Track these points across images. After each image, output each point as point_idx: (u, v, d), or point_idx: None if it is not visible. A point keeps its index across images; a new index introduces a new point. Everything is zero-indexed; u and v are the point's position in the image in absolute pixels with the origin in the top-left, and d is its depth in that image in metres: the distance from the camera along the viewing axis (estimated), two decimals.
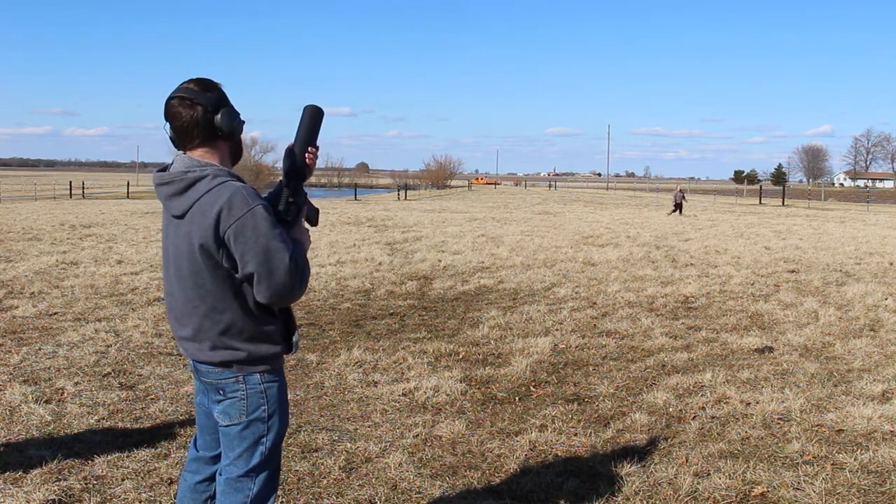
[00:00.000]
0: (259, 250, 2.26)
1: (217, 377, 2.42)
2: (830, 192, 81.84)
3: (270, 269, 2.26)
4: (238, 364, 2.39)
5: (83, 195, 45.59)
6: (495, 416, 4.82)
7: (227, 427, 2.45)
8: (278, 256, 2.27)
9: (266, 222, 2.28)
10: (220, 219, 2.26)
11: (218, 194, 2.28)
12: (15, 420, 4.52)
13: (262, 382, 2.43)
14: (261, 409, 2.43)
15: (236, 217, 2.26)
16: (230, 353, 2.38)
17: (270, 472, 2.52)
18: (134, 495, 3.54)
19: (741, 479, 3.81)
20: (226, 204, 2.26)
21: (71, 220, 21.33)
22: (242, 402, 2.41)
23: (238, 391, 2.41)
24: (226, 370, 2.40)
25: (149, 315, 7.57)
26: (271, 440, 2.48)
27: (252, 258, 2.26)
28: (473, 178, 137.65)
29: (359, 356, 6.10)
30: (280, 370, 2.50)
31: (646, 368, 5.98)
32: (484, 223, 22.76)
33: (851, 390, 5.38)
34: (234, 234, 2.26)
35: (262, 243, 2.26)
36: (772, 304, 8.88)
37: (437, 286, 9.88)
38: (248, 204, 2.27)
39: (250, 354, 2.39)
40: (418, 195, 63.71)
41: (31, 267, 10.85)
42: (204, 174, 2.32)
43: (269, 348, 2.41)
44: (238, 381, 2.40)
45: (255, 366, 2.41)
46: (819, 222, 26.88)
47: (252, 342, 2.38)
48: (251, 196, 2.30)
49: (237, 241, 2.26)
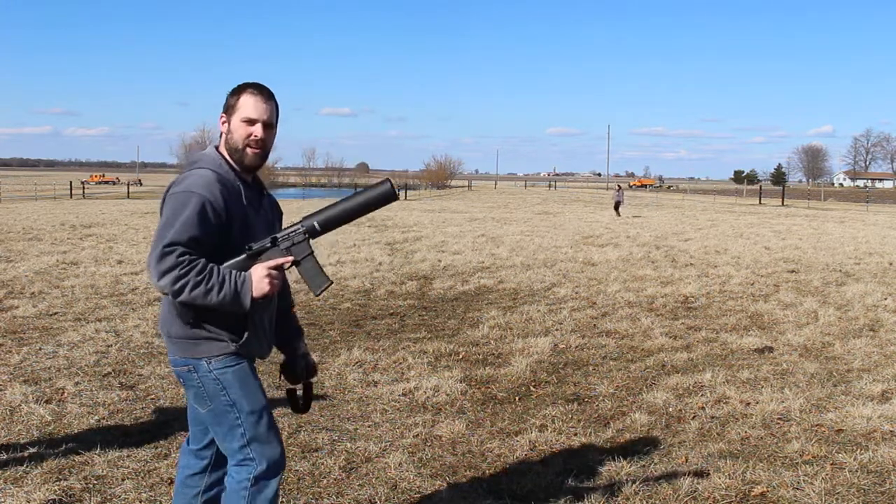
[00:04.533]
0: (159, 225, 2.34)
1: (174, 366, 2.48)
2: (830, 192, 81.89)
3: (154, 245, 2.31)
4: (178, 341, 2.42)
5: (83, 195, 45.57)
6: (495, 416, 4.82)
7: (204, 413, 2.50)
8: (160, 239, 2.28)
9: (183, 205, 2.30)
10: (167, 188, 2.43)
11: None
12: (15, 420, 4.52)
13: (213, 370, 2.42)
14: (221, 395, 2.44)
15: (171, 191, 2.37)
16: (172, 328, 2.43)
17: (262, 449, 2.49)
18: (134, 495, 3.54)
19: (741, 479, 3.82)
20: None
21: (71, 220, 21.34)
22: (201, 390, 2.45)
23: (193, 380, 2.45)
24: (177, 357, 2.44)
25: (149, 315, 7.56)
26: (246, 422, 2.46)
27: (157, 229, 2.37)
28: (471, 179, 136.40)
29: (359, 356, 6.10)
30: (234, 357, 2.44)
31: (646, 368, 5.98)
32: (484, 223, 22.76)
33: (851, 390, 5.38)
34: (165, 202, 2.38)
35: (163, 219, 2.33)
36: (771, 304, 8.88)
37: (437, 286, 9.88)
38: (185, 188, 2.34)
39: (187, 335, 2.41)
40: (418, 195, 63.68)
41: (32, 267, 10.86)
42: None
43: (207, 333, 2.40)
44: (190, 370, 2.44)
45: (196, 348, 2.41)
46: (819, 222, 26.89)
47: (184, 326, 2.39)
48: (195, 184, 2.34)
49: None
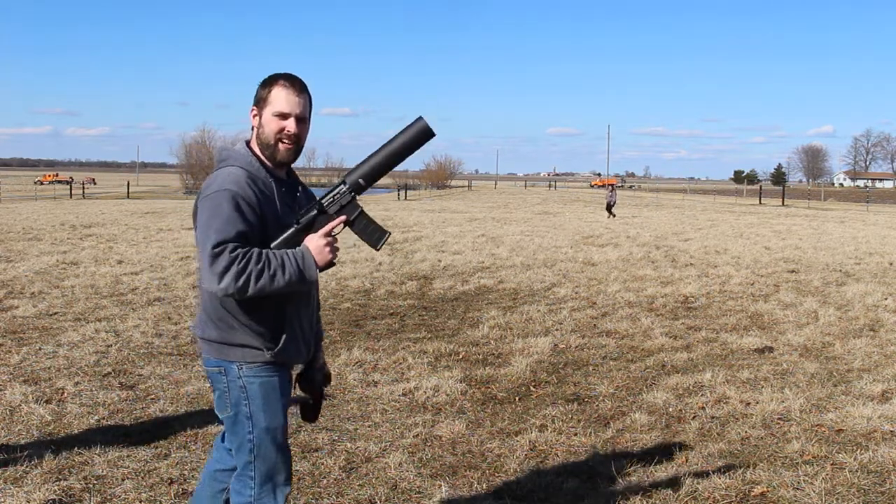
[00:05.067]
0: (199, 230, 2.29)
1: (207, 366, 2.46)
2: (830, 192, 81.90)
3: (201, 252, 2.27)
4: (212, 344, 2.40)
5: (83, 195, 45.57)
6: (495, 416, 4.82)
7: (223, 417, 2.47)
8: (205, 242, 2.23)
9: (219, 205, 2.26)
10: (199, 193, 2.39)
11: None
12: (15, 420, 4.52)
13: (242, 377, 2.39)
14: (243, 405, 2.40)
15: (203, 195, 2.33)
16: (207, 330, 2.41)
17: (266, 472, 2.45)
18: (134, 495, 3.54)
19: (741, 479, 3.82)
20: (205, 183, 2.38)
21: (71, 220, 21.33)
22: (226, 395, 2.42)
23: (221, 383, 2.42)
24: (210, 358, 2.42)
25: (149, 315, 7.57)
26: (258, 439, 2.42)
27: (197, 236, 2.31)
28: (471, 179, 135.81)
29: (359, 356, 6.10)
30: (267, 368, 2.41)
31: (646, 368, 5.98)
32: (484, 223, 22.76)
33: (851, 390, 5.38)
34: (199, 207, 2.34)
35: (202, 223, 2.27)
36: (772, 304, 8.88)
37: (437, 286, 9.88)
38: (217, 187, 2.30)
39: (221, 336, 2.37)
40: (418, 195, 63.70)
41: (32, 267, 10.85)
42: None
43: (243, 338, 2.36)
44: (220, 372, 2.41)
45: (229, 352, 2.37)
46: (819, 222, 26.89)
47: (224, 325, 2.36)
48: (225, 182, 2.31)
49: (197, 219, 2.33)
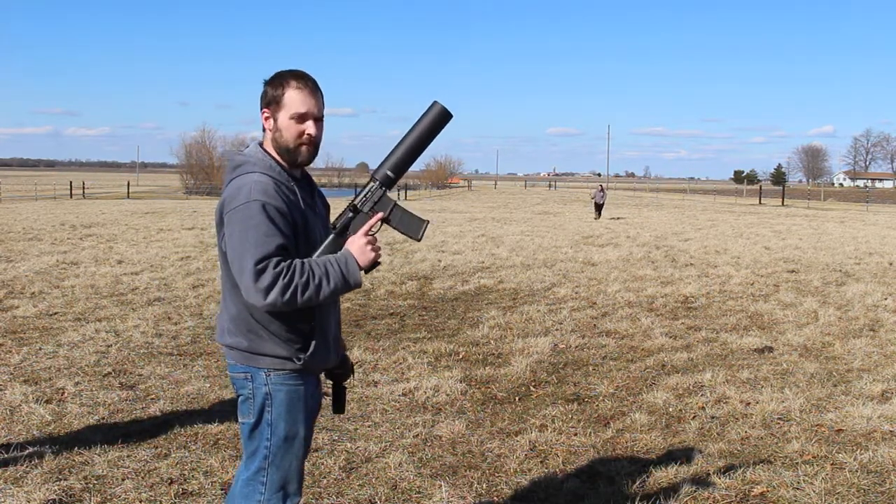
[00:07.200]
0: (234, 244, 2.21)
1: (232, 371, 2.42)
2: (830, 192, 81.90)
3: (240, 268, 2.20)
4: (239, 352, 2.35)
5: (83, 195, 45.58)
6: (495, 416, 4.82)
7: (242, 423, 2.44)
8: (244, 258, 2.18)
9: (251, 217, 2.20)
10: (223, 202, 2.29)
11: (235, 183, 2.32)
12: (15, 420, 4.52)
13: (269, 384, 2.35)
14: (266, 412, 2.36)
15: (230, 206, 2.24)
16: (234, 339, 2.36)
17: (279, 480, 2.39)
18: (134, 495, 3.54)
19: (741, 479, 3.82)
20: (229, 192, 2.28)
21: (71, 220, 21.33)
22: (250, 401, 2.38)
23: (246, 389, 2.38)
24: (237, 364, 2.38)
25: (149, 315, 7.57)
26: (275, 447, 2.38)
27: (230, 250, 2.24)
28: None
29: (359, 356, 6.10)
30: (294, 376, 2.37)
31: (646, 368, 5.98)
32: (484, 223, 22.76)
33: (851, 390, 5.38)
34: (227, 220, 2.25)
35: (237, 238, 2.20)
36: (771, 304, 8.88)
37: (437, 286, 9.88)
38: (245, 198, 2.23)
39: (251, 346, 2.33)
40: (418, 195, 63.68)
41: (32, 267, 10.86)
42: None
43: (273, 347, 2.33)
44: (247, 378, 2.37)
45: (257, 360, 2.34)
46: (819, 222, 26.89)
47: (253, 335, 2.33)
48: (255, 191, 2.24)
49: (227, 227, 2.25)
